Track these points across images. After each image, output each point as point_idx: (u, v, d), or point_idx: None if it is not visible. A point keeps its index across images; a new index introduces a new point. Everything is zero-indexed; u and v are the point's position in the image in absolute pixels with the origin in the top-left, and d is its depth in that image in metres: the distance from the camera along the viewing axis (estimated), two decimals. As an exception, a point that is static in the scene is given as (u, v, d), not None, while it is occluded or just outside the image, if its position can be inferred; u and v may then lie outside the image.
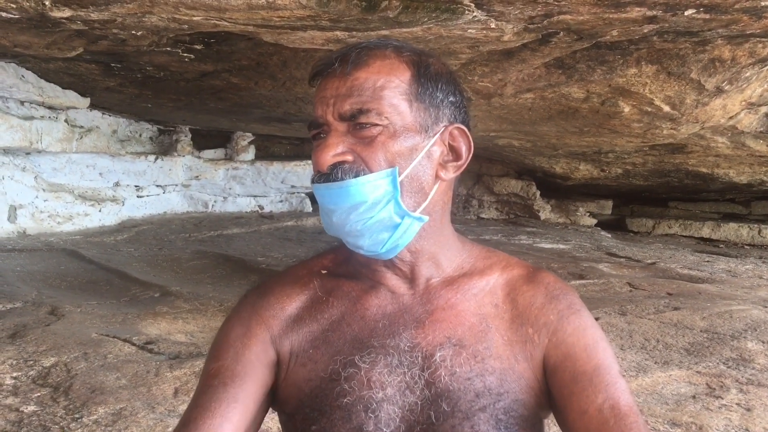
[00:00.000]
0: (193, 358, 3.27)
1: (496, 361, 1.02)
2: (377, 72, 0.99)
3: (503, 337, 1.05)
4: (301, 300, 1.11)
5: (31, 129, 6.53)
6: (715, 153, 7.69)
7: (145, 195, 8.58)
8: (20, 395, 2.78)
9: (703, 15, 3.79)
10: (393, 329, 1.04)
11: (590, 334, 1.05)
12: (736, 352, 3.59)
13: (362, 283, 1.09)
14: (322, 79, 1.02)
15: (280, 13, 3.48)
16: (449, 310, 1.06)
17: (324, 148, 0.98)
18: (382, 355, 1.02)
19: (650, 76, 5.22)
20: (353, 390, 1.00)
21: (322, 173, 0.98)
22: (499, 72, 5.19)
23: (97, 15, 3.56)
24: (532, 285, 1.09)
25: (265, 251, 6.70)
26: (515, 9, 3.57)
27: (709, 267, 6.76)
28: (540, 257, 6.73)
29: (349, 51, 1.01)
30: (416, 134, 1.00)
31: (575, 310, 1.07)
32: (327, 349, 1.05)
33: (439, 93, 1.04)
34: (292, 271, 1.16)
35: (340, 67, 0.99)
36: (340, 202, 0.98)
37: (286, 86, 5.70)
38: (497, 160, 10.24)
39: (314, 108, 1.02)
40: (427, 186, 1.02)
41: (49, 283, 4.93)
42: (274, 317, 1.09)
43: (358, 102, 0.97)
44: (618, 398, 0.98)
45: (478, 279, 1.09)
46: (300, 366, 1.05)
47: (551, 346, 1.04)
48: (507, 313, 1.07)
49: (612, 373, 1.01)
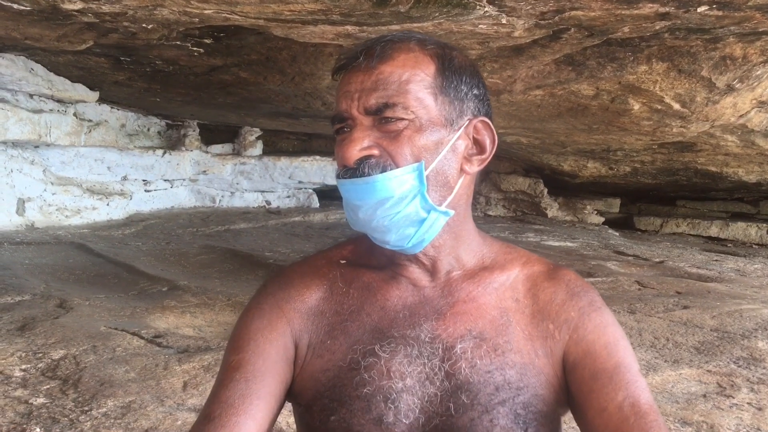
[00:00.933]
0: (202, 353, 3.27)
1: (517, 355, 1.02)
2: (402, 65, 0.98)
3: (524, 332, 1.04)
4: (321, 291, 1.10)
5: (40, 122, 6.55)
6: (725, 152, 7.65)
7: (153, 189, 8.59)
8: (29, 387, 2.78)
9: (716, 12, 3.76)
10: (413, 320, 1.04)
11: (611, 332, 1.04)
12: (747, 351, 3.57)
13: (383, 274, 1.09)
14: (346, 72, 1.00)
15: (292, 7, 3.47)
16: (470, 303, 1.05)
17: (350, 142, 0.97)
18: (402, 345, 1.02)
19: (661, 73, 5.19)
20: (373, 379, 0.99)
21: (348, 168, 0.97)
22: (508, 68, 5.18)
23: (108, 7, 3.56)
24: (554, 281, 1.09)
25: (272, 246, 6.70)
26: (527, 4, 3.55)
27: (717, 266, 6.73)
28: (548, 255, 6.71)
29: (374, 44, 1.00)
30: (441, 128, 1.00)
31: (596, 308, 1.06)
32: (346, 339, 1.04)
33: (464, 86, 1.03)
34: (312, 261, 1.15)
35: (365, 60, 0.98)
36: (367, 198, 0.97)
37: (295, 81, 5.69)
38: (505, 158, 10.21)
39: (338, 102, 1.00)
40: (452, 180, 1.02)
41: (57, 276, 4.94)
42: (295, 310, 1.08)
43: (383, 96, 0.96)
44: (638, 396, 0.97)
45: (499, 273, 1.09)
46: (317, 357, 1.05)
47: (571, 343, 1.03)
48: (528, 308, 1.06)
49: (632, 372, 1.00)
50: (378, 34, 3.85)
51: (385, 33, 4.25)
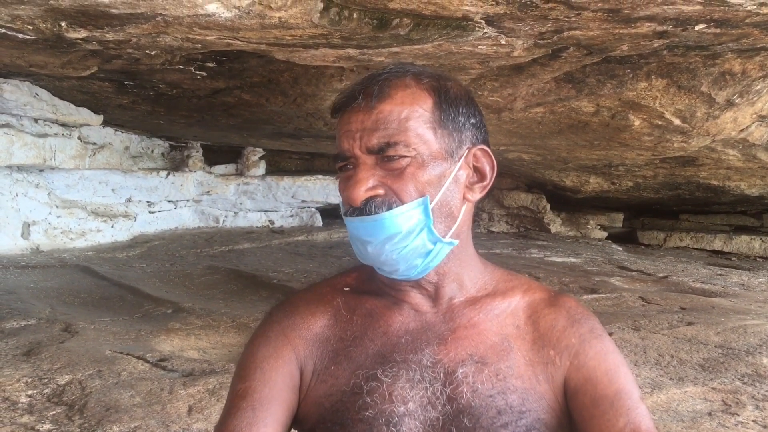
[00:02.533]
0: (206, 376, 3.28)
1: (518, 380, 1.03)
2: (401, 103, 1.00)
3: (525, 358, 1.06)
4: (326, 318, 1.12)
5: (45, 146, 6.60)
6: (726, 165, 7.66)
7: (157, 210, 8.62)
8: (35, 414, 2.79)
9: (713, 29, 3.80)
10: (415, 345, 1.05)
11: (611, 359, 1.06)
12: (752, 367, 3.57)
13: (385, 300, 1.11)
14: (346, 112, 1.03)
15: (293, 32, 3.51)
16: (471, 328, 1.07)
17: (355, 183, 0.99)
18: (404, 369, 1.03)
19: (660, 89, 5.22)
20: (375, 403, 1.01)
21: (354, 207, 1.00)
22: (509, 87, 5.21)
23: (112, 35, 3.60)
24: (554, 308, 1.10)
25: (276, 266, 6.71)
26: (525, 25, 3.59)
27: (721, 280, 6.72)
28: (551, 271, 6.71)
29: (370, 83, 1.02)
30: (443, 161, 1.02)
31: (597, 335, 1.08)
32: (349, 364, 1.06)
33: (461, 117, 1.05)
34: (317, 289, 1.18)
35: (364, 100, 1.01)
36: (375, 234, 0.99)
37: (297, 102, 5.74)
38: (507, 174, 10.23)
39: (339, 141, 1.03)
40: (456, 210, 1.04)
41: (62, 299, 4.96)
42: (300, 337, 1.10)
43: (384, 135, 0.99)
44: (639, 423, 0.99)
45: (501, 300, 1.11)
46: (321, 383, 1.07)
47: (572, 369, 1.05)
48: (528, 335, 1.08)
49: (633, 398, 1.02)
50: (379, 57, 3.88)
51: (383, 61, 4.28)
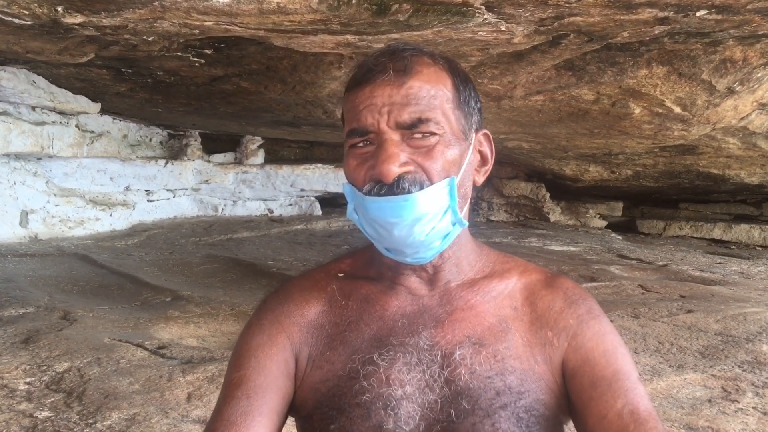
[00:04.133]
0: (206, 363, 3.28)
1: (516, 361, 1.03)
2: (428, 80, 0.99)
3: (522, 339, 1.05)
4: (320, 304, 1.11)
5: (43, 134, 6.57)
6: (726, 154, 7.65)
7: (156, 199, 8.60)
8: (34, 401, 2.79)
9: (715, 16, 3.77)
10: (412, 328, 1.05)
11: (609, 339, 1.05)
12: (751, 355, 3.56)
13: (381, 285, 1.10)
14: (367, 85, 0.99)
15: (291, 18, 3.48)
16: (468, 310, 1.06)
17: (388, 158, 0.95)
18: (401, 353, 1.03)
19: (661, 77, 5.20)
20: (372, 387, 1.00)
21: (383, 185, 0.96)
22: (509, 74, 5.19)
23: (109, 21, 3.57)
24: (551, 290, 1.10)
25: (275, 255, 6.71)
26: (526, 11, 3.56)
27: (721, 269, 6.72)
28: (550, 260, 6.71)
29: (394, 58, 1.00)
30: (462, 141, 1.02)
31: (594, 316, 1.07)
32: (344, 349, 1.05)
33: (472, 100, 1.05)
34: (311, 275, 1.17)
35: (394, 75, 0.98)
36: (405, 215, 0.96)
37: (296, 90, 5.71)
38: (507, 163, 10.22)
39: (358, 115, 0.99)
40: (469, 191, 1.05)
41: (60, 287, 4.95)
42: (294, 324, 1.09)
43: (416, 111, 0.97)
44: (637, 403, 0.98)
45: (498, 282, 1.10)
46: (317, 369, 1.06)
47: (570, 350, 1.04)
48: (526, 316, 1.07)
49: (631, 379, 1.01)
50: (378, 43, 3.85)
51: (385, 43, 4.23)
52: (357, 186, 0.99)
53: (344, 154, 1.03)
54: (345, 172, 1.03)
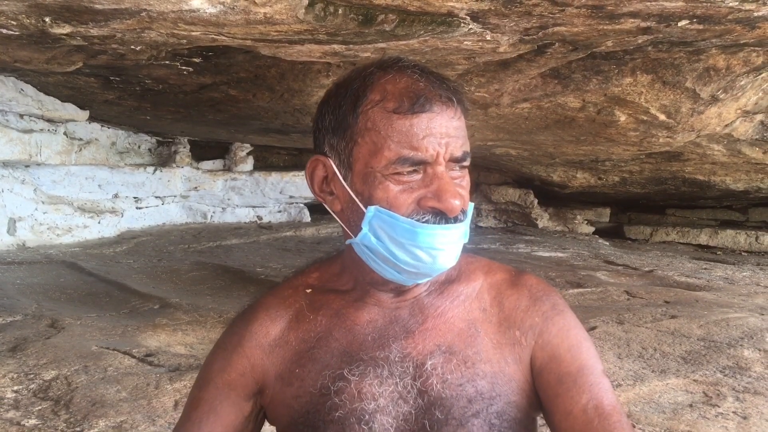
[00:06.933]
0: (193, 370, 3.29)
1: (486, 365, 1.04)
2: (462, 113, 1.02)
3: (492, 341, 1.07)
4: (286, 320, 1.13)
5: (31, 142, 6.56)
6: (712, 161, 7.72)
7: (144, 206, 8.59)
8: (21, 409, 2.80)
9: (696, 26, 3.83)
10: (382, 341, 1.06)
11: (574, 334, 1.08)
12: (733, 360, 3.61)
13: (350, 297, 1.11)
14: (424, 113, 0.96)
15: (278, 28, 3.51)
16: (438, 318, 1.08)
17: (454, 195, 0.97)
18: (371, 366, 1.04)
19: (645, 85, 5.26)
20: (344, 403, 1.02)
21: (443, 216, 0.97)
22: (495, 82, 5.23)
23: (96, 31, 3.59)
24: (516, 288, 1.12)
25: (264, 262, 6.72)
26: (510, 21, 3.61)
27: (706, 274, 6.78)
28: (538, 266, 6.75)
29: (436, 84, 0.99)
30: None
31: (559, 311, 1.10)
32: (314, 365, 1.07)
33: None
34: (279, 292, 1.18)
35: (445, 105, 0.98)
36: (457, 242, 1.01)
37: (284, 98, 5.73)
38: (495, 169, 10.27)
39: (414, 144, 0.96)
40: None
41: (48, 295, 4.94)
42: (257, 347, 1.11)
43: (465, 145, 1.01)
44: (601, 398, 1.01)
45: (465, 285, 1.12)
46: (287, 386, 1.08)
47: (537, 348, 1.06)
48: (494, 317, 1.09)
49: (595, 374, 1.04)
50: (364, 53, 3.86)
51: (369, 57, 4.26)
52: (397, 212, 0.97)
53: (370, 174, 0.98)
54: (376, 195, 0.98)
